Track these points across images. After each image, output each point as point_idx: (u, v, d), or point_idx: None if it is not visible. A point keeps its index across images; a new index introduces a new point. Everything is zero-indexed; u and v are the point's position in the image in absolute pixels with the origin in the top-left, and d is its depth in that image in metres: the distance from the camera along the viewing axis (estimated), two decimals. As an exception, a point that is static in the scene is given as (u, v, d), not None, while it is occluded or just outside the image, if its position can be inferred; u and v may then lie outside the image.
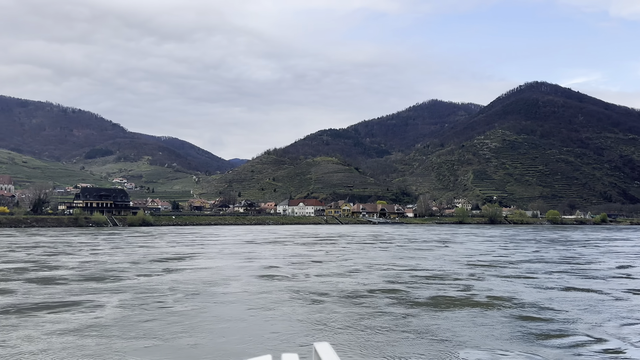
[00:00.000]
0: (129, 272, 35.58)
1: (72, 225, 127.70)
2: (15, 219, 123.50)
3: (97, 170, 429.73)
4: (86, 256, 47.76)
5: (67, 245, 62.52)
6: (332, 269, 38.21)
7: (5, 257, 46.68)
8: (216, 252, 53.26)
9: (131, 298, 24.90)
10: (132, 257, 47.14)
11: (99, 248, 58.70)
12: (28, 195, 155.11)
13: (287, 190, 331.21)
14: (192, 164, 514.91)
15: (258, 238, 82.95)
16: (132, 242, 69.82)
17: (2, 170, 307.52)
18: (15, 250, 54.71)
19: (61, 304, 23.33)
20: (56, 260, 43.21)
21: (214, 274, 34.45)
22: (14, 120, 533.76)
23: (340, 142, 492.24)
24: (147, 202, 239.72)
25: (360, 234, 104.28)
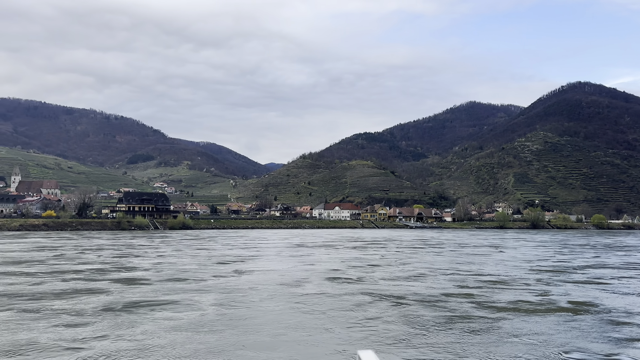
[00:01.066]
0: (203, 273, 37.38)
1: (115, 229, 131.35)
2: (61, 222, 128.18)
3: (138, 175, 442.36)
4: (154, 258, 49.98)
5: (129, 248, 65.41)
6: (396, 272, 38.93)
7: (79, 258, 49.13)
8: (274, 255, 54.89)
9: (221, 297, 26.40)
10: (198, 259, 49.08)
11: (161, 250, 61.12)
12: (73, 200, 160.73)
13: (323, 194, 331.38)
14: (230, 169, 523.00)
15: (306, 242, 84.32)
16: (189, 245, 72.20)
17: (49, 175, 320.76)
18: (85, 252, 57.49)
19: (160, 302, 24.94)
20: (129, 262, 45.58)
21: (284, 276, 35.83)
22: (60, 127, 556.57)
23: (375, 145, 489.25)
24: (186, 205, 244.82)
25: (406, 238, 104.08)
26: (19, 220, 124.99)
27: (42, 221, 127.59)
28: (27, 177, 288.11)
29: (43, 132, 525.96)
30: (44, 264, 43.73)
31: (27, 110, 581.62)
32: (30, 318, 21.34)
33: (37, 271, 38.02)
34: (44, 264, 43.73)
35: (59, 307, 23.72)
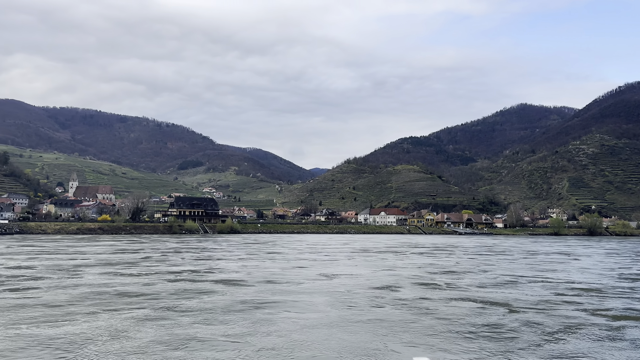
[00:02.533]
0: (292, 276, 38.84)
1: (167, 233, 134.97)
2: (116, 226, 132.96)
3: (188, 180, 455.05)
4: (235, 261, 51.95)
5: (203, 251, 67.88)
6: (482, 279, 39.20)
7: (166, 261, 51.86)
8: (347, 259, 55.97)
9: (330, 300, 27.61)
10: (276, 262, 50.89)
11: (235, 254, 63.28)
12: (127, 204, 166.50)
13: (368, 199, 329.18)
14: (275, 174, 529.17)
15: (368, 247, 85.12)
16: (258, 248, 74.20)
17: (105, 181, 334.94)
18: (166, 254, 60.38)
19: (275, 302, 26.45)
20: (215, 265, 47.70)
21: (371, 280, 36.87)
22: (115, 134, 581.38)
23: (421, 149, 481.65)
24: (234, 210, 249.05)
25: (467, 245, 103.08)
26: (76, 224, 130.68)
27: (98, 225, 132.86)
28: (84, 182, 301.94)
29: (99, 140, 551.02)
30: (137, 265, 46.51)
31: (83, 118, 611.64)
32: (172, 315, 23.16)
33: (138, 272, 40.59)
34: (137, 265, 46.51)
35: (188, 305, 25.55)
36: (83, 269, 42.15)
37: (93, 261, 49.89)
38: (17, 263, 46.27)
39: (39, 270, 40.61)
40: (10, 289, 30.35)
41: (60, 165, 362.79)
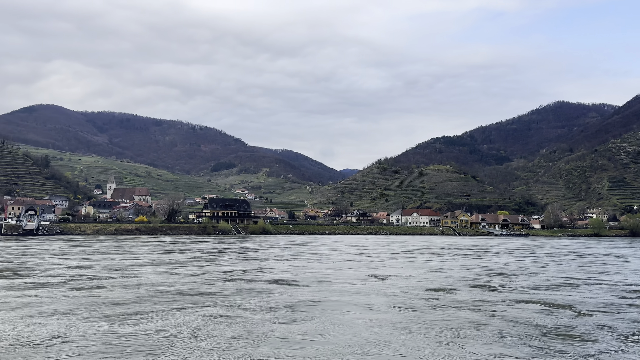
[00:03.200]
0: (343, 276, 39.20)
1: (201, 233, 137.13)
2: (152, 227, 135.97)
3: (221, 182, 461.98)
4: (282, 261, 52.74)
5: (247, 251, 69.03)
6: (536, 282, 38.81)
7: (216, 261, 52.89)
8: (391, 261, 56.00)
9: (390, 301, 27.89)
10: (323, 263, 51.48)
11: (279, 254, 64.17)
12: (163, 206, 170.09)
13: (399, 200, 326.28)
14: (306, 175, 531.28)
15: (408, 248, 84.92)
16: (299, 249, 75.11)
17: (141, 183, 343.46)
18: (214, 255, 61.86)
19: (336, 303, 26.83)
20: (264, 265, 48.53)
21: (422, 282, 36.98)
22: (150, 138, 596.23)
23: (454, 149, 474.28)
24: (266, 211, 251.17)
25: (509, 246, 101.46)
26: (114, 225, 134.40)
27: (135, 226, 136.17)
28: (121, 184, 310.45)
29: (135, 143, 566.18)
30: (189, 265, 47.71)
31: (120, 122, 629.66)
32: (242, 313, 23.88)
33: (193, 272, 41.69)
34: (189, 265, 47.71)
35: (252, 304, 26.32)
36: (139, 269, 43.65)
37: (145, 261, 51.53)
38: (74, 263, 48.16)
39: (97, 270, 42.26)
40: (78, 288, 31.73)
41: (98, 168, 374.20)
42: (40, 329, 20.26)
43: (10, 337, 18.92)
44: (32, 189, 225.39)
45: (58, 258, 53.31)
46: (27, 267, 43.45)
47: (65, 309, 24.40)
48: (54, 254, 58.70)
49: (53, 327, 20.55)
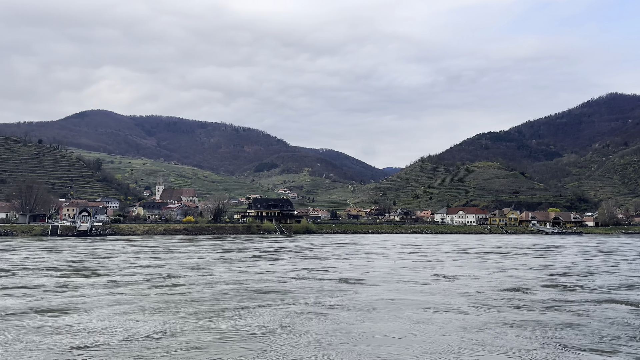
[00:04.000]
0: (408, 275, 39.19)
1: (246, 233, 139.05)
2: (199, 227, 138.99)
3: (264, 182, 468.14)
4: (341, 260, 53.01)
5: (301, 250, 69.82)
6: (611, 281, 37.81)
7: (277, 259, 53.79)
8: (452, 260, 55.47)
9: (469, 301, 27.71)
10: (382, 262, 51.45)
11: (335, 253, 64.41)
12: (209, 206, 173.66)
13: (444, 198, 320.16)
14: (348, 174, 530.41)
15: (466, 248, 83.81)
16: (352, 248, 75.15)
17: (188, 184, 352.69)
18: (274, 254, 63.02)
19: (416, 302, 26.93)
20: (326, 264, 48.93)
21: (492, 282, 36.48)
22: (196, 140, 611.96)
23: (501, 145, 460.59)
24: (308, 210, 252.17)
25: (568, 244, 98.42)
26: (163, 225, 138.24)
27: (183, 226, 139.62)
28: (169, 186, 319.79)
29: (182, 145, 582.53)
30: (253, 264, 48.65)
31: (167, 125, 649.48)
32: (326, 311, 24.11)
33: (260, 270, 42.50)
34: (253, 264, 48.65)
35: (332, 302, 26.47)
36: (207, 267, 44.83)
37: (210, 260, 52.94)
38: (144, 262, 50.03)
39: (169, 269, 43.66)
40: (158, 286, 32.97)
41: (147, 170, 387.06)
42: (142, 325, 21.18)
43: (120, 333, 19.88)
44: (86, 191, 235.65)
45: (127, 257, 55.57)
46: (102, 267, 45.42)
47: (155, 306, 25.41)
48: (121, 254, 61.22)
49: (153, 324, 21.45)
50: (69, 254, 60.42)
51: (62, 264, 47.06)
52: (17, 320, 21.78)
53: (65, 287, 31.74)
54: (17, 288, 31.21)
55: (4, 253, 60.40)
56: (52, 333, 19.71)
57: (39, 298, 27.65)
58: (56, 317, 22.57)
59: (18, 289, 30.99)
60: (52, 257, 55.56)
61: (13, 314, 23.13)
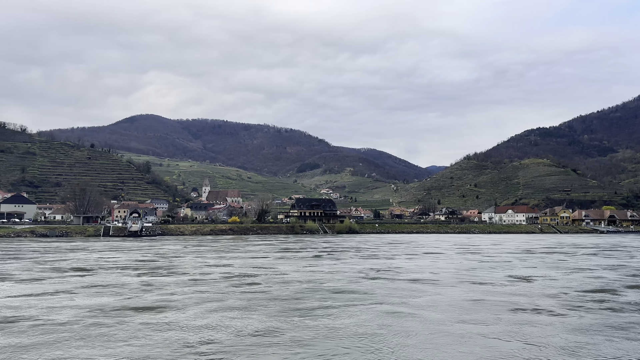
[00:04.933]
0: (482, 276, 38.40)
1: (289, 233, 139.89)
2: (244, 227, 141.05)
3: (306, 182, 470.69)
4: (404, 260, 52.65)
5: (358, 250, 69.72)
6: None
7: (339, 259, 53.98)
8: (519, 261, 54.11)
9: (557, 302, 27.03)
10: (449, 263, 50.68)
11: (393, 252, 63.94)
12: (253, 207, 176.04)
13: (491, 196, 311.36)
14: (390, 173, 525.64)
15: (529, 247, 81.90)
16: (408, 248, 74.50)
17: (233, 185, 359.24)
18: (334, 253, 63.24)
19: (504, 303, 26.37)
20: (391, 263, 48.63)
21: (575, 283, 35.40)
22: (240, 142, 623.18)
23: (551, 141, 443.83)
24: (350, 210, 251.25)
25: (632, 244, 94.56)
26: (209, 226, 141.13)
27: (229, 226, 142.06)
28: (215, 187, 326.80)
29: (226, 147, 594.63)
30: (317, 263, 48.90)
31: (212, 128, 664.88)
32: (417, 312, 23.94)
33: (329, 270, 42.60)
34: (317, 263, 48.90)
35: (418, 303, 26.37)
36: (274, 266, 45.44)
37: (273, 259, 53.74)
38: (214, 262, 51.17)
39: (239, 268, 44.49)
40: (235, 285, 33.61)
41: (194, 172, 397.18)
42: (244, 322, 21.60)
43: (228, 329, 20.34)
44: (136, 193, 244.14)
45: (194, 257, 57.08)
46: (176, 266, 46.76)
47: (243, 304, 25.89)
48: (185, 253, 63.02)
49: (251, 321, 21.85)
50: (136, 253, 62.77)
51: (135, 263, 48.84)
52: (121, 317, 22.59)
53: (151, 286, 32.89)
54: (106, 286, 32.50)
55: (76, 253, 63.30)
56: (163, 329, 20.30)
57: (131, 296, 28.70)
58: (157, 314, 23.31)
59: (107, 287, 32.26)
60: (122, 256, 57.86)
61: (114, 311, 24.00)
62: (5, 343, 18.01)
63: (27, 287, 32.29)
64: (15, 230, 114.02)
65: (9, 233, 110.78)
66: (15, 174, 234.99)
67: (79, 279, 36.58)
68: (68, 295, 28.88)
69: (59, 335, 19.28)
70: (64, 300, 26.88)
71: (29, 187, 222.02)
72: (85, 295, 28.84)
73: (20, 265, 46.33)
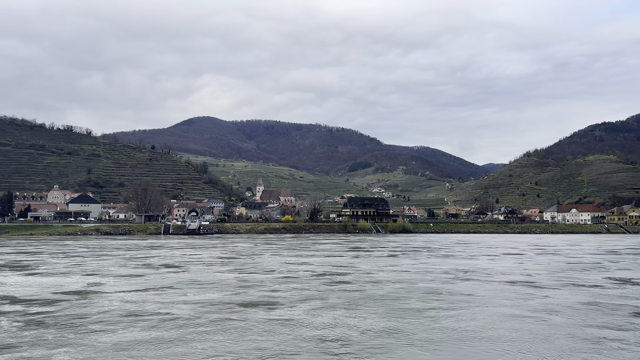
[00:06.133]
0: (579, 278, 36.71)
1: (342, 232, 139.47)
2: (297, 226, 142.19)
3: (358, 181, 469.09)
4: (485, 261, 51.41)
5: (431, 251, 68.67)
6: None
7: (416, 258, 53.38)
8: (608, 262, 51.51)
9: None
10: (540, 265, 49.08)
11: (469, 252, 62.48)
12: (305, 206, 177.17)
13: (553, 195, 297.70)
14: (445, 172, 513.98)
15: (610, 248, 78.48)
16: (479, 249, 72.80)
17: (285, 184, 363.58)
18: (406, 252, 62.69)
19: (623, 306, 25.05)
20: (474, 264, 47.58)
21: None
22: (292, 142, 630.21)
23: (617, 136, 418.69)
24: (403, 209, 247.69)
25: None
26: (263, 224, 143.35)
27: (282, 225, 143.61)
28: (268, 186, 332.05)
29: (279, 148, 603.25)
30: (397, 263, 48.48)
31: (265, 129, 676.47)
32: (536, 314, 22.98)
33: (415, 270, 42.08)
34: (397, 263, 48.48)
35: (531, 305, 25.41)
36: (355, 265, 45.20)
37: (349, 258, 53.65)
38: (294, 260, 51.64)
39: (320, 266, 44.65)
40: (329, 283, 33.65)
41: (248, 172, 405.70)
42: (361, 322, 21.30)
43: (351, 328, 20.14)
44: (194, 192, 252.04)
45: (270, 255, 58.03)
46: (258, 263, 47.54)
47: (345, 302, 25.69)
48: (262, 251, 64.32)
49: (370, 320, 21.56)
50: (214, 251, 64.67)
51: (219, 260, 50.09)
52: (237, 314, 22.82)
53: (248, 282, 33.45)
54: (206, 283, 33.25)
55: (158, 250, 66.12)
56: (288, 325, 20.42)
57: (236, 292, 29.17)
58: (272, 310, 23.48)
59: (208, 283, 32.97)
60: (202, 253, 59.65)
61: (226, 308, 24.30)
62: (150, 337, 18.49)
63: (131, 282, 33.58)
64: (82, 229, 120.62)
65: (76, 231, 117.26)
66: (81, 175, 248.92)
67: (174, 275, 37.73)
68: (176, 290, 29.69)
69: (195, 329, 19.68)
70: (176, 296, 27.63)
71: (94, 188, 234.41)
72: (193, 291, 29.54)
73: (113, 262, 48.56)
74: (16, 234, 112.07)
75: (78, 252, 62.00)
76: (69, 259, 51.75)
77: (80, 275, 37.05)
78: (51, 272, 38.90)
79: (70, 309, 23.75)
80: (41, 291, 29.36)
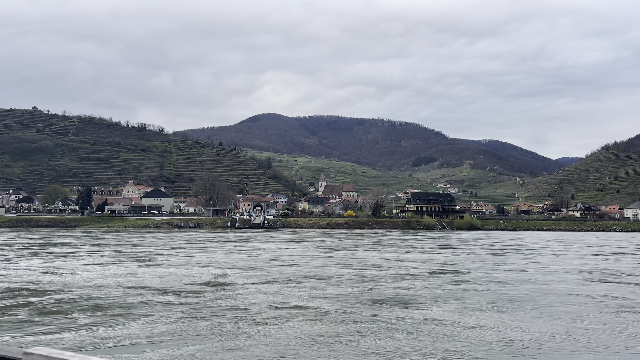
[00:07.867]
0: None
1: (405, 228, 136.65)
2: (359, 221, 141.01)
3: (422, 176, 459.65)
4: (602, 262, 48.62)
5: (527, 249, 65.82)
6: None
7: (514, 261, 51.34)
8: None
9: None
10: None
11: (581, 253, 59.58)
12: (368, 201, 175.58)
13: (635, 190, 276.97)
14: (515, 166, 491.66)
15: None
16: (585, 249, 69.57)
17: (347, 180, 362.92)
18: (489, 254, 60.82)
19: None
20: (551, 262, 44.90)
21: None
22: (354, 137, 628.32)
23: None
24: (471, 205, 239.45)
25: None
26: (326, 219, 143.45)
27: (344, 220, 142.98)
28: (330, 182, 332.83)
29: (341, 143, 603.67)
30: (484, 261, 46.95)
31: (327, 124, 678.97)
32: None
33: (516, 269, 40.38)
34: (484, 261, 46.95)
35: None
36: (462, 263, 43.91)
37: (449, 255, 52.40)
38: (392, 256, 50.65)
39: (425, 263, 43.62)
40: (448, 281, 32.36)
41: (310, 167, 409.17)
42: (524, 324, 19.91)
43: (520, 331, 19.11)
44: (258, 187, 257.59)
45: (364, 251, 57.37)
46: (360, 258, 47.33)
47: (485, 302, 24.46)
48: (350, 245, 64.06)
49: (539, 323, 20.21)
50: (302, 245, 64.86)
51: (316, 255, 50.07)
52: (385, 311, 21.91)
53: (367, 277, 32.91)
54: (322, 277, 32.73)
55: (244, 244, 67.21)
56: (445, 325, 19.38)
57: (364, 288, 28.35)
58: (415, 310, 22.43)
59: (323, 278, 32.43)
60: (295, 247, 60.52)
61: (368, 304, 23.44)
62: (329, 332, 18.14)
63: (252, 274, 34.01)
64: (155, 222, 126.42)
65: (150, 224, 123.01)
66: (154, 170, 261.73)
67: (287, 269, 37.60)
68: (301, 284, 29.49)
69: (362, 325, 19.17)
70: (308, 290, 27.46)
71: (166, 183, 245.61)
72: (322, 285, 29.17)
73: (218, 254, 49.98)
74: (94, 226, 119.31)
75: (177, 244, 63.55)
76: (173, 250, 53.46)
77: (198, 267, 37.64)
78: (171, 264, 39.73)
79: (219, 300, 23.72)
80: (176, 282, 29.66)
